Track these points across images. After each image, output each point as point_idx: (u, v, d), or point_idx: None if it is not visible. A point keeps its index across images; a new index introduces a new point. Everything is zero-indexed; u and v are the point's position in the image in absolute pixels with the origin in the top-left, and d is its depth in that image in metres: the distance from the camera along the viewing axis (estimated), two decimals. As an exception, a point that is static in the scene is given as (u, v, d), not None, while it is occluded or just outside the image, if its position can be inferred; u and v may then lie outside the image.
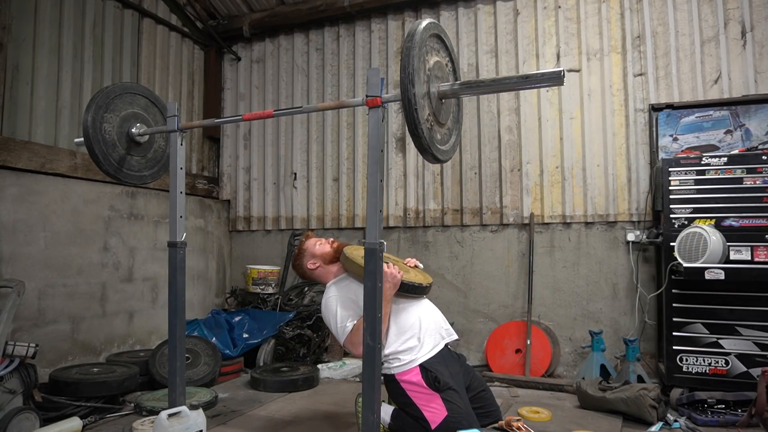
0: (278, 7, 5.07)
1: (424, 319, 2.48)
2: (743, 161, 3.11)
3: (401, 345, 2.41)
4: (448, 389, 2.33)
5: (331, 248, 2.68)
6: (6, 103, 3.43)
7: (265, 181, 5.21)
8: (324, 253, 2.66)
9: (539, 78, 1.86)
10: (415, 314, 2.48)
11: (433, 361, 2.40)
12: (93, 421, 2.96)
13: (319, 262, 2.67)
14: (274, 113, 2.28)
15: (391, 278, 2.33)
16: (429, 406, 2.33)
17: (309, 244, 2.71)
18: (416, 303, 2.53)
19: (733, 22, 3.71)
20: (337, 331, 2.43)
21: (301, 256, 2.71)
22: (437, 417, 2.29)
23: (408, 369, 2.38)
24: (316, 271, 2.69)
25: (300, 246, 2.74)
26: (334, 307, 2.46)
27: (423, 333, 2.44)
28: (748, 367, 2.98)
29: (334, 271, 2.67)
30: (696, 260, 2.95)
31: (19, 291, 2.81)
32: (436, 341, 2.47)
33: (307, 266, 2.68)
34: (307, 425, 2.95)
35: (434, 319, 2.54)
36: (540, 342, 3.93)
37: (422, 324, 2.46)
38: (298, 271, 2.77)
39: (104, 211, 4.02)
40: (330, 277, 2.66)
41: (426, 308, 2.55)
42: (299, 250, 2.73)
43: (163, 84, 4.78)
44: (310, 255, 2.68)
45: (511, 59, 4.31)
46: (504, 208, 4.25)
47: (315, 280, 2.79)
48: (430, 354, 2.42)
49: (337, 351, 4.52)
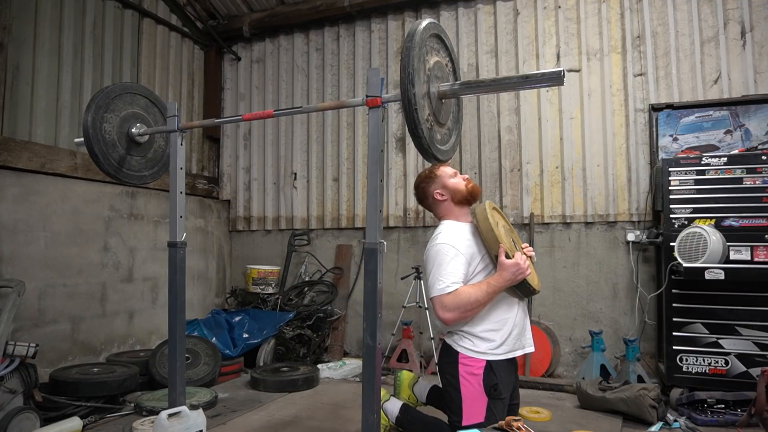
0: (278, 7, 5.07)
1: (515, 321, 2.25)
2: (743, 161, 3.11)
3: (482, 332, 2.19)
4: (498, 399, 2.17)
5: (465, 188, 2.36)
6: (6, 103, 3.43)
7: (265, 181, 5.21)
8: (456, 189, 2.35)
9: (539, 78, 1.86)
10: (511, 312, 2.24)
11: (501, 365, 2.20)
12: (93, 421, 2.96)
13: (448, 195, 2.35)
14: (274, 113, 2.28)
15: (518, 274, 2.10)
16: (473, 404, 2.16)
17: (443, 172, 2.39)
18: (517, 302, 2.27)
19: (733, 23, 3.71)
20: (435, 283, 2.15)
21: (430, 181, 2.39)
22: (472, 418, 2.15)
23: (476, 358, 2.18)
24: (442, 204, 2.37)
25: (432, 169, 2.41)
26: (449, 257, 2.16)
27: (507, 334, 2.22)
28: (747, 367, 2.98)
29: (456, 213, 2.36)
30: (696, 260, 2.95)
31: (19, 291, 2.81)
32: (514, 347, 2.25)
33: (434, 193, 2.36)
34: (307, 425, 2.95)
35: (523, 325, 2.30)
36: (540, 342, 3.92)
37: (511, 326, 2.23)
38: (418, 195, 2.45)
39: (104, 211, 4.02)
40: (450, 217, 2.36)
41: (521, 312, 2.30)
42: (430, 173, 2.40)
43: (163, 84, 4.78)
44: (441, 184, 2.36)
45: (511, 59, 4.31)
46: (504, 208, 4.25)
47: (432, 211, 2.46)
48: (503, 357, 2.21)
49: (337, 351, 4.53)
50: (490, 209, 2.24)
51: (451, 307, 2.09)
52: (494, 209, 2.35)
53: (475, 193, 2.37)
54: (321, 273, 4.84)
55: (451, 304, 2.09)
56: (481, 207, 2.24)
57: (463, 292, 2.11)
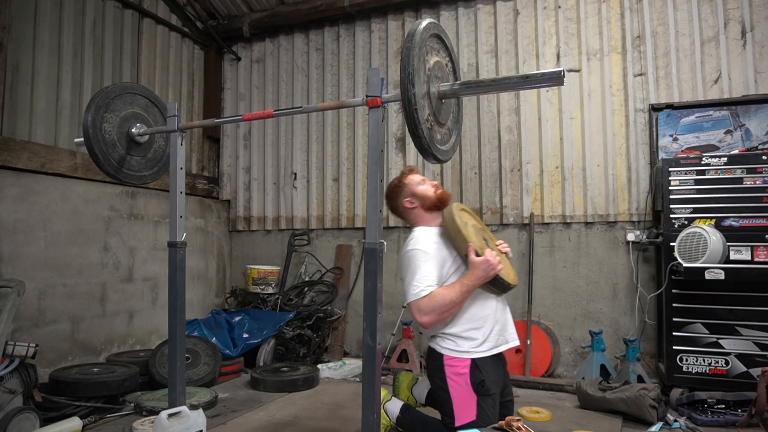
0: (278, 7, 5.07)
1: (496, 318, 2.28)
2: (743, 161, 3.11)
3: (464, 331, 2.22)
4: (487, 396, 2.19)
5: (434, 194, 2.40)
6: (6, 103, 3.43)
7: (265, 181, 5.21)
8: (425, 195, 2.39)
9: (539, 78, 1.86)
10: (489, 309, 2.27)
11: (486, 362, 2.22)
12: (93, 421, 2.96)
13: (417, 203, 2.40)
14: (274, 113, 2.28)
15: (490, 270, 2.13)
16: (462, 403, 2.18)
17: (412, 180, 2.43)
18: (494, 298, 2.30)
19: (733, 22, 3.71)
20: (410, 288, 2.19)
21: (399, 190, 2.44)
22: (464, 417, 2.17)
23: (460, 358, 2.21)
24: (413, 211, 2.42)
25: (401, 178, 2.46)
26: (420, 261, 2.20)
27: (489, 331, 2.24)
28: (748, 367, 2.98)
29: (426, 219, 2.40)
30: (696, 260, 2.95)
31: (19, 291, 2.81)
32: (497, 343, 2.27)
33: (403, 203, 2.42)
34: (307, 425, 2.95)
35: (503, 321, 2.32)
36: (540, 342, 3.93)
37: (490, 322, 2.26)
38: (390, 204, 2.49)
39: (104, 211, 4.02)
40: (421, 223, 2.41)
41: (501, 307, 2.33)
42: (399, 182, 2.46)
43: (163, 84, 4.78)
44: (410, 192, 2.41)
45: (511, 59, 4.31)
46: (504, 208, 4.25)
47: (404, 218, 2.51)
48: (487, 353, 2.23)
49: (337, 351, 4.52)
50: (458, 210, 2.28)
51: (427, 310, 2.13)
52: (463, 210, 2.39)
53: (443, 199, 2.40)
54: (321, 273, 4.84)
55: (427, 307, 2.13)
56: (449, 209, 2.28)
57: (437, 294, 2.14)
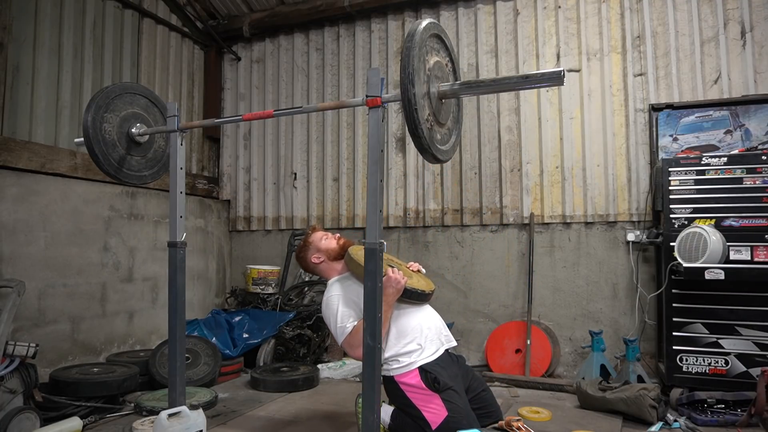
0: (278, 7, 5.07)
1: (425, 324, 2.46)
2: (743, 161, 3.11)
3: (401, 348, 2.39)
4: (447, 389, 2.31)
5: (337, 245, 2.64)
6: (6, 103, 3.43)
7: (265, 181, 5.21)
8: (329, 248, 2.63)
9: (539, 78, 1.86)
10: (417, 319, 2.46)
11: (433, 364, 2.38)
12: (93, 421, 2.96)
13: (324, 257, 2.63)
14: (274, 113, 2.28)
15: (395, 284, 2.31)
16: (428, 406, 2.31)
17: (315, 238, 2.67)
18: (418, 308, 2.50)
19: (733, 23, 3.71)
20: (336, 331, 2.40)
21: (305, 249, 2.67)
22: (437, 417, 2.27)
23: (407, 371, 2.36)
24: (320, 266, 2.65)
25: (306, 238, 2.69)
26: (335, 306, 2.42)
27: (424, 338, 2.41)
28: (747, 367, 2.98)
29: (338, 268, 2.62)
30: (696, 260, 2.95)
31: (19, 291, 2.81)
32: (436, 346, 2.44)
33: (311, 260, 2.65)
34: (307, 425, 2.95)
35: (435, 325, 2.51)
36: (540, 342, 3.93)
37: (423, 329, 2.43)
38: (301, 263, 2.74)
39: (104, 211, 4.02)
40: (333, 273, 2.62)
41: (427, 314, 2.53)
42: (304, 243, 2.69)
43: (163, 84, 4.78)
44: (315, 249, 2.64)
45: (511, 59, 4.31)
46: (504, 208, 4.25)
47: (317, 274, 2.73)
48: (431, 358, 2.39)
49: (337, 351, 4.52)
50: (357, 250, 2.45)
51: (357, 344, 2.22)
52: None
53: (345, 246, 2.61)
54: (321, 273, 4.83)
55: (356, 340, 2.26)
56: (348, 251, 2.51)
57: (360, 325, 2.24)
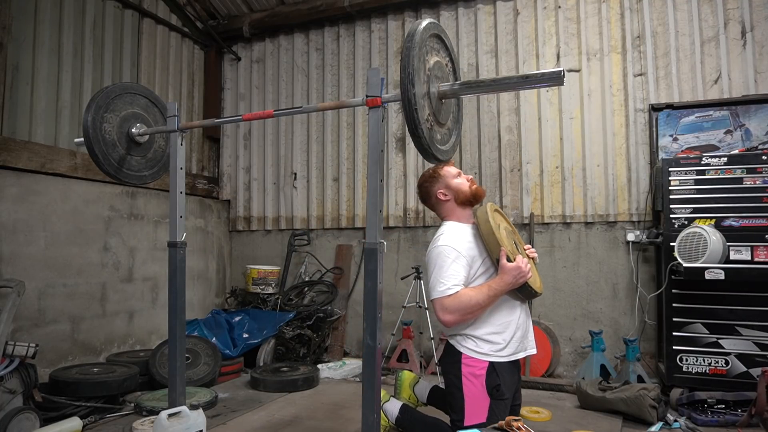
0: (278, 7, 5.07)
1: (518, 324, 2.24)
2: (743, 161, 3.11)
3: (487, 334, 2.18)
4: (500, 399, 2.16)
5: (469, 189, 2.33)
6: (6, 103, 3.43)
7: (265, 181, 5.21)
8: (459, 189, 2.32)
9: (539, 78, 1.86)
10: (515, 315, 2.24)
11: (504, 367, 2.19)
12: (93, 421, 2.96)
13: (451, 196, 2.33)
14: (274, 113, 2.28)
15: (519, 276, 2.09)
16: (475, 405, 2.15)
17: (448, 171, 2.36)
18: (519, 304, 2.27)
19: (733, 22, 3.71)
20: (435, 286, 2.14)
21: (433, 181, 2.36)
22: (474, 418, 2.14)
23: (478, 359, 2.17)
24: (445, 204, 2.35)
25: (436, 168, 2.37)
26: (450, 259, 2.15)
27: (510, 336, 2.21)
28: (748, 367, 2.98)
29: (458, 214, 2.34)
30: (696, 260, 2.95)
31: (19, 291, 2.81)
32: (517, 350, 2.24)
33: (437, 193, 2.34)
34: (307, 425, 2.95)
35: (526, 328, 2.29)
36: (540, 342, 3.90)
37: (514, 328, 2.22)
38: (422, 195, 2.42)
39: (104, 211, 4.02)
40: (452, 218, 2.34)
41: (524, 314, 2.30)
42: (434, 172, 2.37)
43: (163, 84, 4.78)
44: (445, 184, 2.34)
45: (511, 59, 4.31)
46: (504, 208, 4.24)
47: (434, 210, 2.43)
48: (506, 359, 2.20)
49: (337, 351, 4.52)
50: (492, 211, 2.22)
51: (451, 310, 2.09)
52: (496, 211, 2.33)
53: (478, 195, 2.34)
54: (321, 273, 4.84)
55: (452, 306, 2.09)
56: (483, 209, 2.22)
57: (464, 294, 2.10)
